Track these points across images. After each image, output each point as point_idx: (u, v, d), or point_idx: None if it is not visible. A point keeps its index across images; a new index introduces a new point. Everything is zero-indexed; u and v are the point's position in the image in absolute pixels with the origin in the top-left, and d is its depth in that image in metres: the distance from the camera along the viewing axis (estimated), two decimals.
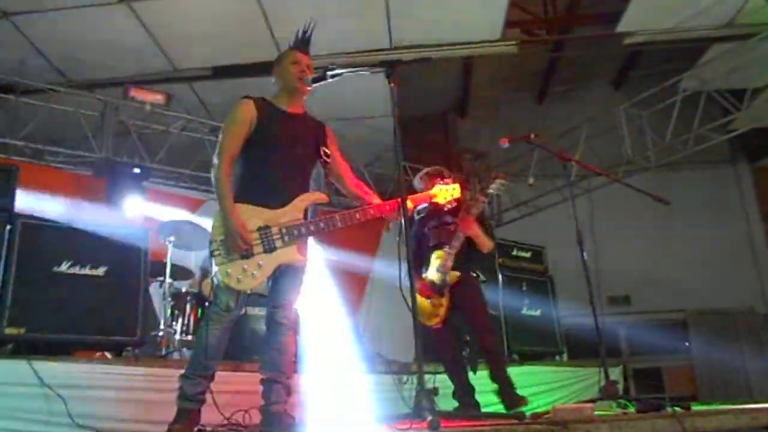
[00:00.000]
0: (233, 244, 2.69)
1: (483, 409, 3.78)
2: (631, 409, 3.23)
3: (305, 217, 2.87)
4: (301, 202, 2.88)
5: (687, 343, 9.33)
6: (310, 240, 2.98)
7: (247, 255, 2.71)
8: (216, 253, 2.71)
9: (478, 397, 3.81)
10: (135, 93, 6.80)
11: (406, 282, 2.46)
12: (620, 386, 5.45)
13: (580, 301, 3.87)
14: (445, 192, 3.24)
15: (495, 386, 3.64)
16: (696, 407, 3.22)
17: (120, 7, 5.85)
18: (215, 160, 2.84)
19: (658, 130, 7.57)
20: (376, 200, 3.08)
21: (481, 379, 3.88)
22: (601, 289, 3.67)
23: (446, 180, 3.82)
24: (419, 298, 3.13)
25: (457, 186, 3.28)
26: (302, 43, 3.07)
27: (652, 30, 6.80)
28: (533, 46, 8.28)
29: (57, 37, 6.27)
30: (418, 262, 3.90)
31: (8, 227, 3.72)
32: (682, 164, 8.29)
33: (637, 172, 7.80)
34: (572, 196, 4.00)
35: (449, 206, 3.32)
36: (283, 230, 2.79)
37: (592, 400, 3.47)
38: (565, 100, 10.13)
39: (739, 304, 9.00)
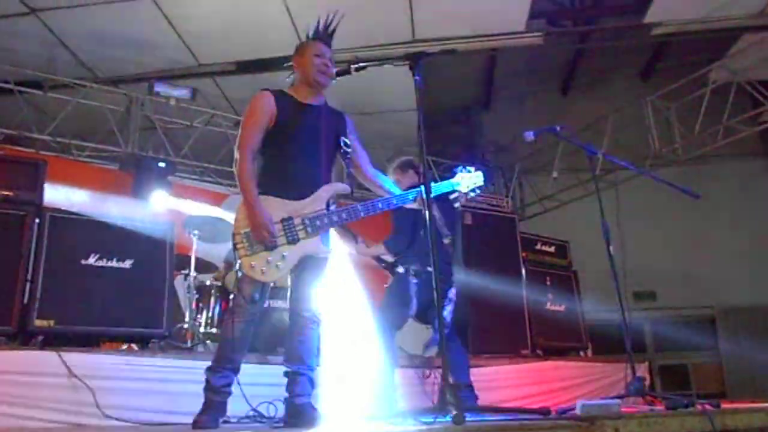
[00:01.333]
0: (259, 236, 2.69)
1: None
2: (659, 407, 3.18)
3: (327, 208, 2.87)
4: (324, 192, 2.87)
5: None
6: (333, 232, 2.99)
7: (271, 247, 2.71)
8: (239, 245, 2.71)
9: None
10: (160, 88, 6.87)
11: None
12: (646, 383, 5.37)
13: (605, 296, 3.82)
14: (468, 180, 3.20)
15: None
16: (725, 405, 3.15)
17: (145, 2, 5.91)
18: (236, 154, 2.84)
19: (687, 122, 7.43)
20: (396, 191, 3.08)
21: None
22: (626, 285, 3.60)
23: (417, 167, 3.86)
24: None
25: (480, 173, 3.22)
26: (326, 35, 3.05)
27: (681, 20, 6.66)
28: (559, 38, 8.16)
29: (83, 32, 6.36)
30: None
31: (37, 221, 3.78)
32: (711, 157, 8.12)
33: (664, 165, 7.66)
34: (598, 190, 3.94)
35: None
36: (306, 221, 2.79)
37: (619, 396, 3.42)
38: (591, 92, 9.99)
39: None
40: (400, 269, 3.85)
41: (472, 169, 3.22)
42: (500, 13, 6.40)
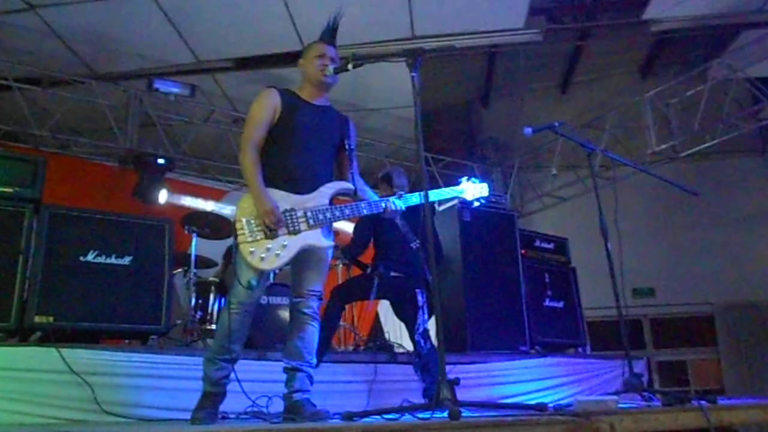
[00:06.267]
0: (268, 221, 2.69)
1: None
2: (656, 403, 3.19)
3: (330, 204, 2.88)
4: (328, 189, 2.89)
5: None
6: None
7: (272, 235, 2.72)
8: (240, 232, 2.71)
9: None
10: (159, 85, 6.87)
11: None
12: (644, 379, 5.38)
13: (604, 293, 3.83)
14: (473, 189, 3.27)
15: None
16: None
17: None
18: (241, 148, 2.86)
19: (686, 119, 7.42)
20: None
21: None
22: (625, 281, 3.60)
23: (390, 180, 4.15)
24: None
25: (485, 185, 3.32)
26: (328, 34, 3.06)
27: (680, 16, 6.66)
28: (558, 34, 8.16)
29: (82, 28, 6.35)
30: None
31: (36, 217, 3.78)
32: (710, 154, 8.12)
33: (663, 162, 7.67)
34: (596, 187, 3.94)
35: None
36: (309, 213, 2.80)
37: (616, 393, 3.43)
38: (590, 89, 9.98)
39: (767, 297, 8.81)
40: (368, 270, 4.16)
41: (478, 180, 3.32)
42: (500, 9, 6.40)
